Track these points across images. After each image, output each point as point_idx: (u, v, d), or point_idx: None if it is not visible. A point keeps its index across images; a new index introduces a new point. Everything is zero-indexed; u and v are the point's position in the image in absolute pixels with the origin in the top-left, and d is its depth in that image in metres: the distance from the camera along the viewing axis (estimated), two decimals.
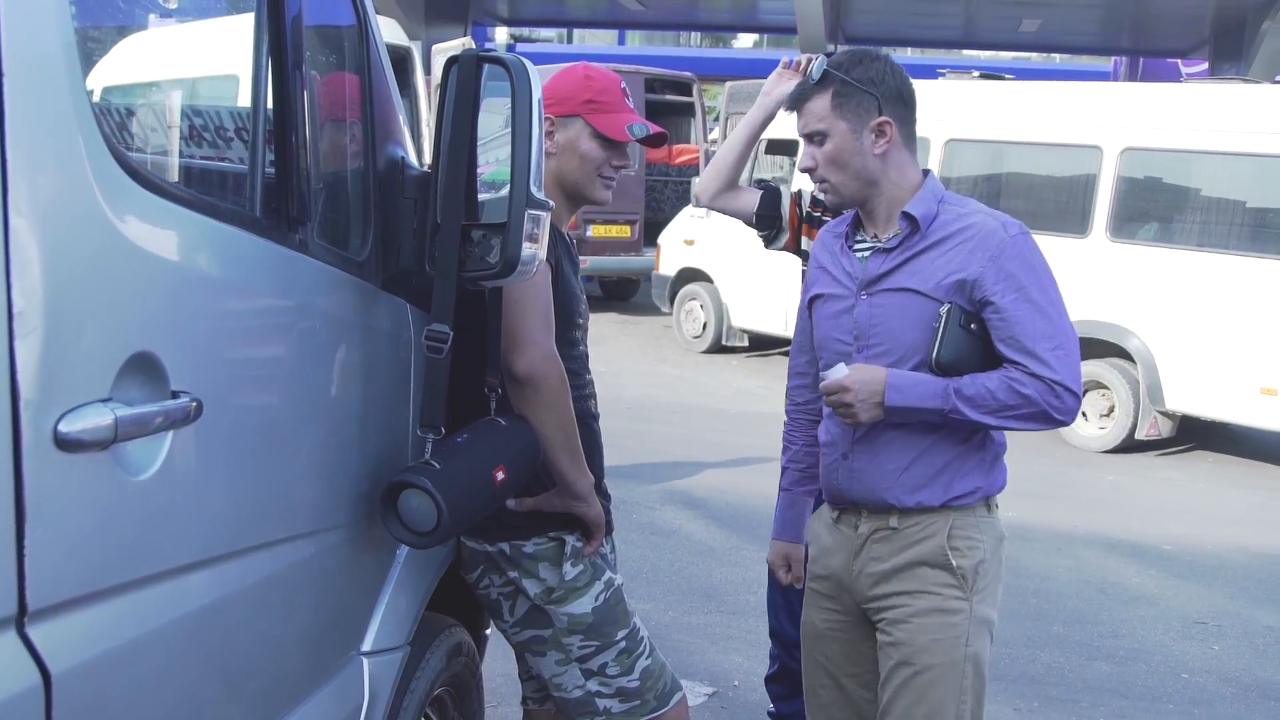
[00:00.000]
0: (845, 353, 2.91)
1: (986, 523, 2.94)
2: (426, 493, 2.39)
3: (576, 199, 3.01)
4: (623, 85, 3.02)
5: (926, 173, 2.94)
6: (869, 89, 2.82)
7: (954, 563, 2.86)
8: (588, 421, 2.95)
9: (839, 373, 2.81)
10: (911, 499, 2.87)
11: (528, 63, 2.42)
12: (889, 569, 2.90)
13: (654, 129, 2.98)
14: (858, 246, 2.96)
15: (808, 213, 3.95)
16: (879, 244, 2.90)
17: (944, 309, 2.77)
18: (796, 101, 2.92)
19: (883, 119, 2.83)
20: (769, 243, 4.09)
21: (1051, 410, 2.77)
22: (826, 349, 2.99)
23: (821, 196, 3.01)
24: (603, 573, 2.93)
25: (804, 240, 3.93)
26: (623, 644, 2.91)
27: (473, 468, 2.54)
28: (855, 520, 2.97)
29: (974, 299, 2.78)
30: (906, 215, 2.85)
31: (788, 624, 3.98)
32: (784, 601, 4.03)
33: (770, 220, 4.05)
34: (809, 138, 2.88)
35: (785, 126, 4.06)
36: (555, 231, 2.89)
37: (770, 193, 4.11)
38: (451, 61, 2.46)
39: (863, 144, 2.84)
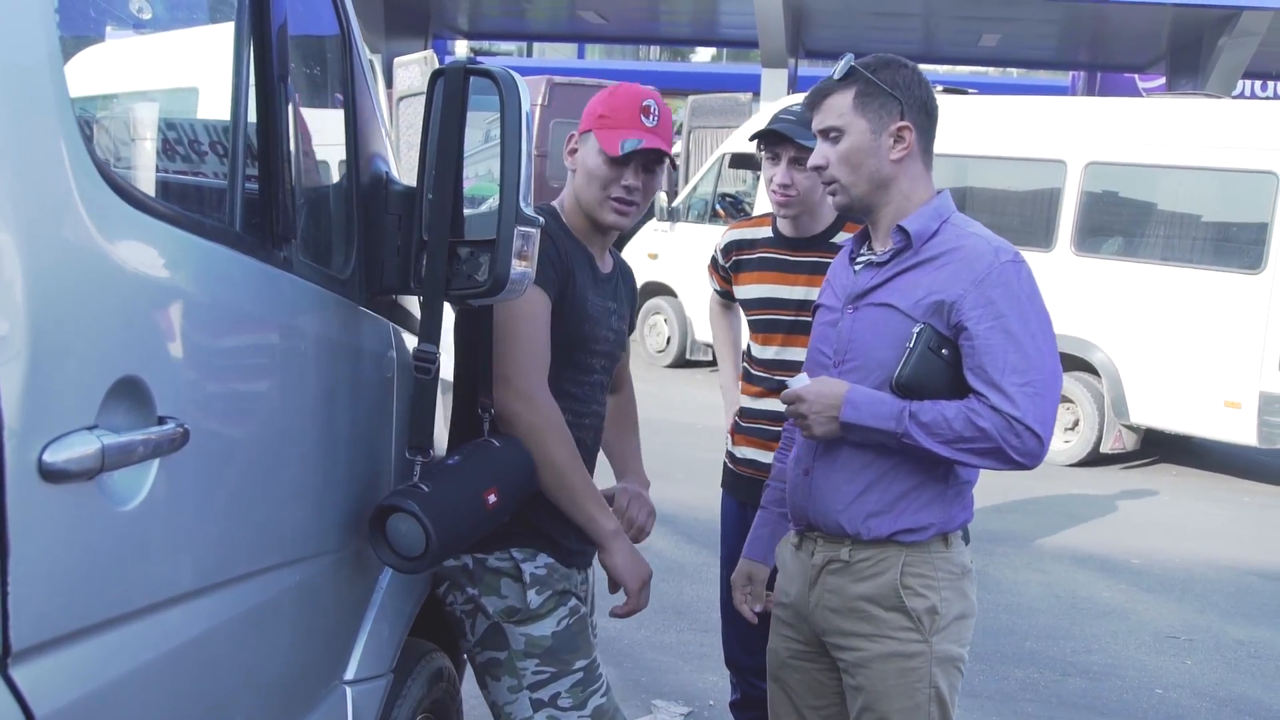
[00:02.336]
0: (825, 366, 2.83)
1: (943, 558, 2.79)
2: (414, 517, 2.33)
3: (594, 224, 2.87)
4: (645, 102, 2.84)
5: (940, 192, 2.83)
6: (894, 92, 2.72)
7: (908, 604, 2.74)
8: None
9: (799, 383, 2.76)
10: (863, 525, 2.75)
11: (516, 75, 2.37)
12: (843, 605, 2.80)
13: (647, 144, 2.79)
14: (858, 259, 2.88)
15: (720, 264, 3.98)
16: (873, 257, 2.82)
17: (916, 329, 2.66)
18: (817, 96, 2.79)
19: (904, 124, 2.73)
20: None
21: (1009, 449, 2.60)
22: (810, 360, 2.93)
23: (831, 199, 2.88)
24: (568, 599, 2.81)
25: (737, 288, 3.92)
26: (579, 675, 2.77)
27: (463, 491, 2.47)
28: (811, 547, 2.87)
29: (950, 323, 2.66)
30: (900, 229, 2.75)
31: (740, 652, 3.89)
32: (735, 633, 3.89)
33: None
34: (824, 134, 2.77)
35: (750, 140, 4.05)
36: (577, 252, 2.83)
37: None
38: (438, 74, 2.40)
39: (880, 146, 2.73)
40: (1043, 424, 2.62)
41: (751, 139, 3.76)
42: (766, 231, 3.83)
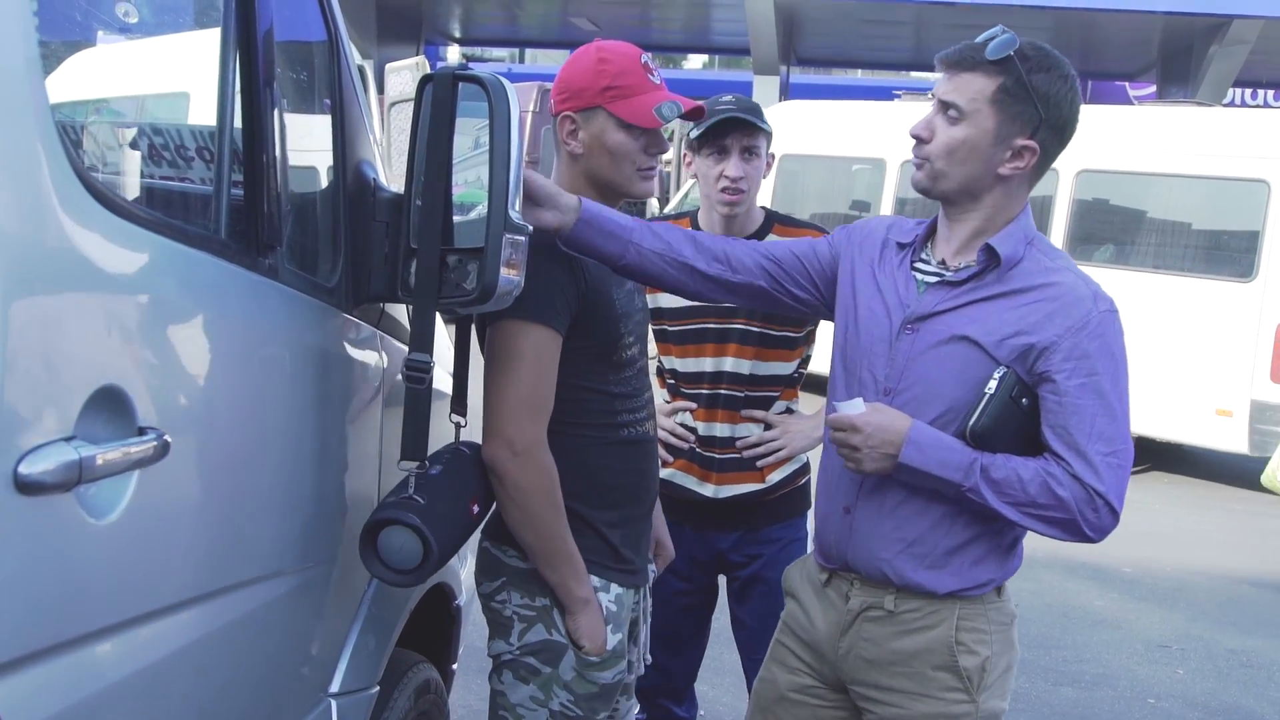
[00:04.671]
0: (867, 389, 2.55)
1: (995, 609, 2.57)
2: (415, 530, 2.28)
3: (614, 197, 2.67)
4: (644, 59, 2.64)
5: (1025, 207, 2.53)
6: (1040, 105, 2.39)
7: (960, 663, 2.51)
8: (643, 446, 2.74)
9: (854, 409, 2.45)
10: (914, 577, 2.51)
11: (505, 81, 2.33)
12: (882, 658, 2.57)
13: (687, 105, 2.63)
14: (920, 267, 2.57)
15: None
16: (945, 274, 2.52)
17: (1000, 372, 2.39)
18: (959, 62, 2.43)
19: (1030, 143, 2.41)
20: None
21: (1084, 524, 2.40)
22: (849, 376, 2.60)
23: (914, 172, 2.53)
24: (624, 653, 2.72)
25: (652, 296, 3.37)
26: None
27: (453, 501, 2.42)
28: (845, 589, 2.62)
29: (1034, 370, 2.40)
30: (989, 249, 2.45)
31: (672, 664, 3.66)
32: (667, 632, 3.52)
33: None
34: (944, 105, 2.43)
35: None
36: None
37: None
38: (426, 80, 2.37)
39: (995, 154, 2.42)
40: (1121, 500, 2.43)
41: (698, 138, 3.36)
42: None
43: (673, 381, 3.55)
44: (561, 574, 2.58)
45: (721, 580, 3.72)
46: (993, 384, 2.40)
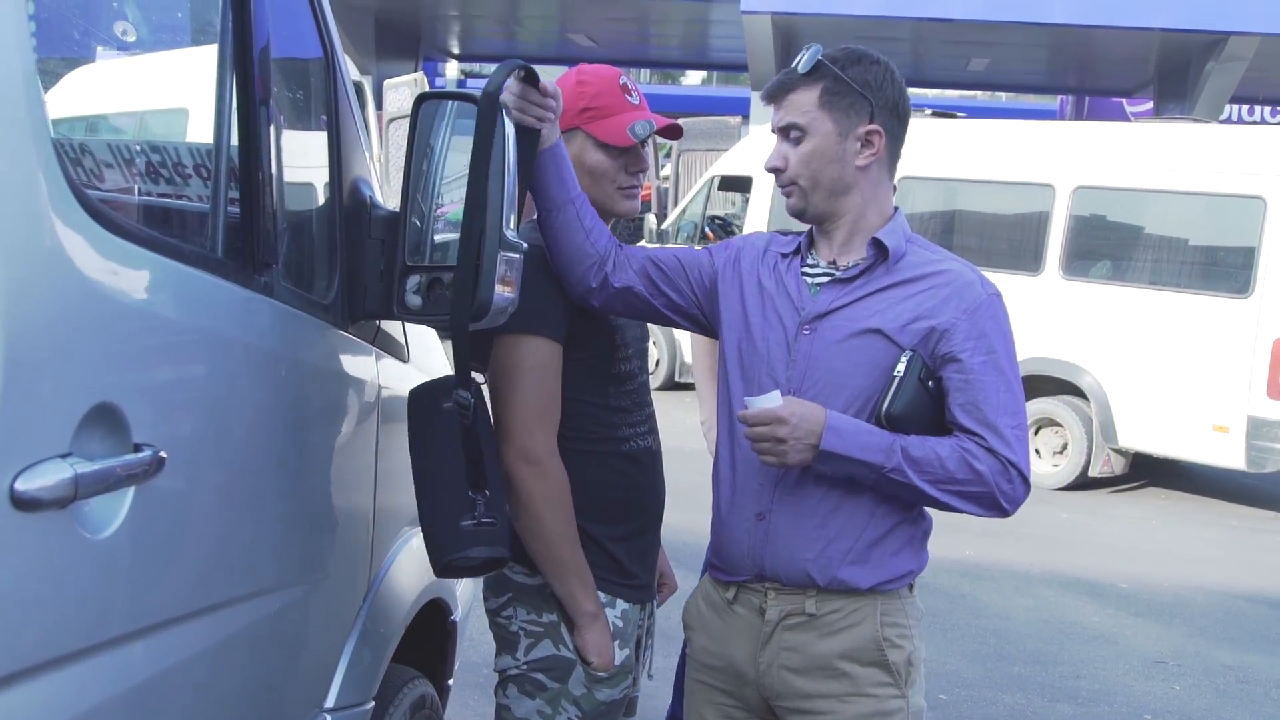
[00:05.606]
0: (771, 390, 2.52)
1: (911, 604, 2.61)
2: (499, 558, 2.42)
3: (601, 216, 2.71)
4: (622, 80, 2.71)
5: (897, 209, 2.63)
6: (865, 92, 2.50)
7: (889, 658, 2.53)
8: (644, 460, 2.77)
9: (772, 401, 2.42)
10: (840, 574, 2.50)
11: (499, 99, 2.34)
12: (808, 664, 2.54)
13: (659, 123, 2.69)
14: (808, 270, 2.61)
15: None
16: (835, 272, 2.57)
17: (906, 356, 2.45)
18: (778, 90, 2.56)
19: (873, 127, 2.51)
20: None
21: (1000, 496, 2.46)
22: (750, 384, 2.59)
23: (785, 200, 2.62)
24: (633, 670, 2.74)
25: None
26: None
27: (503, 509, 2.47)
28: (758, 602, 2.58)
29: (937, 353, 2.48)
30: (876, 243, 2.54)
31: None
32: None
33: None
34: (784, 132, 2.54)
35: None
36: None
37: None
38: (421, 99, 2.38)
39: (845, 150, 2.51)
40: (1029, 469, 2.50)
41: None
42: None
43: None
44: (570, 587, 2.61)
45: None
46: (901, 366, 2.46)
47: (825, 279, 2.58)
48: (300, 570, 2.34)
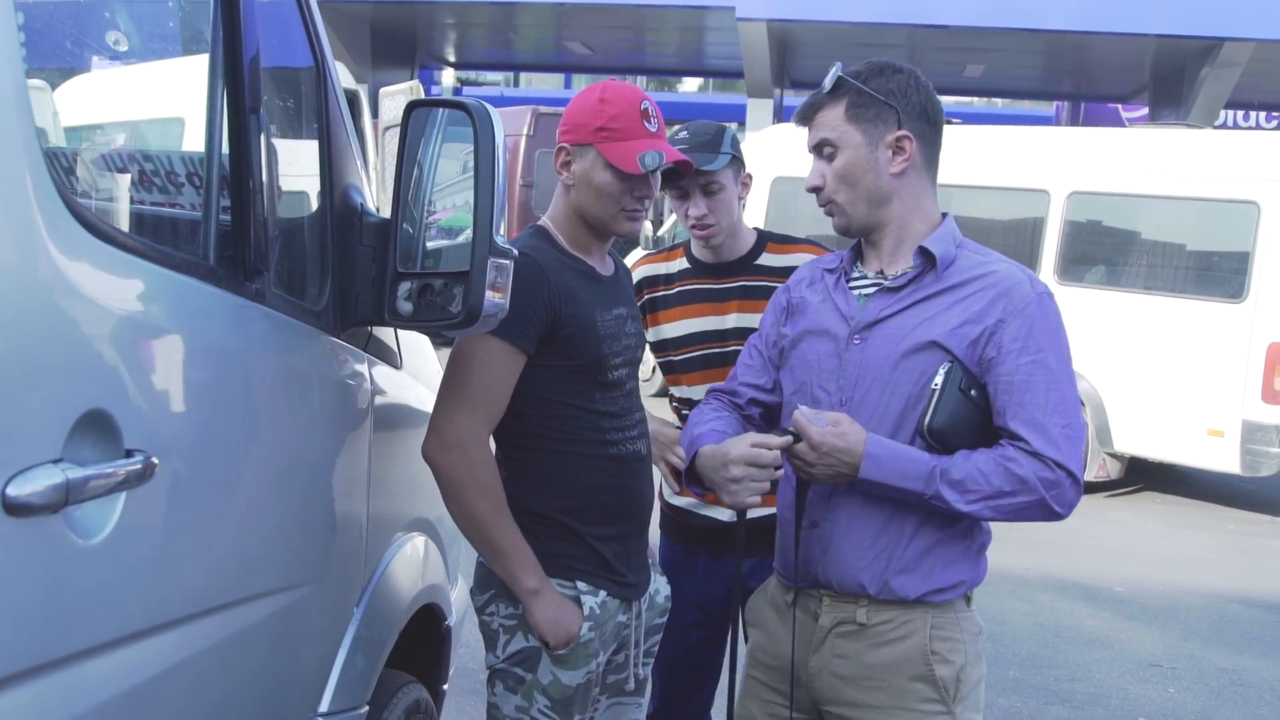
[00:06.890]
0: (827, 403, 2.57)
1: (967, 618, 2.59)
2: None
3: (600, 234, 2.79)
4: (644, 105, 2.72)
5: (945, 215, 2.65)
6: (889, 100, 2.54)
7: (936, 673, 2.51)
8: (632, 462, 2.79)
9: (815, 421, 2.46)
10: (891, 582, 2.51)
11: (490, 107, 2.36)
12: (857, 673, 2.55)
13: (671, 157, 2.71)
14: (855, 283, 2.63)
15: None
16: (883, 281, 2.58)
17: (944, 367, 2.44)
18: (807, 111, 2.61)
19: (902, 133, 2.54)
20: None
21: (1050, 499, 2.41)
22: (804, 396, 2.62)
23: (830, 219, 2.67)
24: (598, 653, 2.75)
25: (653, 329, 3.52)
26: None
27: None
28: (814, 607, 2.61)
29: (982, 357, 2.45)
30: (923, 251, 2.54)
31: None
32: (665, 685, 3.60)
33: None
34: (818, 149, 2.58)
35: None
36: (575, 271, 2.73)
37: None
38: (412, 107, 2.40)
39: (878, 160, 2.54)
40: (1081, 471, 2.46)
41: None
42: (682, 263, 3.53)
43: (686, 411, 3.50)
44: (505, 565, 2.66)
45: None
46: (939, 378, 2.45)
47: (873, 289, 2.60)
48: (293, 575, 2.35)
